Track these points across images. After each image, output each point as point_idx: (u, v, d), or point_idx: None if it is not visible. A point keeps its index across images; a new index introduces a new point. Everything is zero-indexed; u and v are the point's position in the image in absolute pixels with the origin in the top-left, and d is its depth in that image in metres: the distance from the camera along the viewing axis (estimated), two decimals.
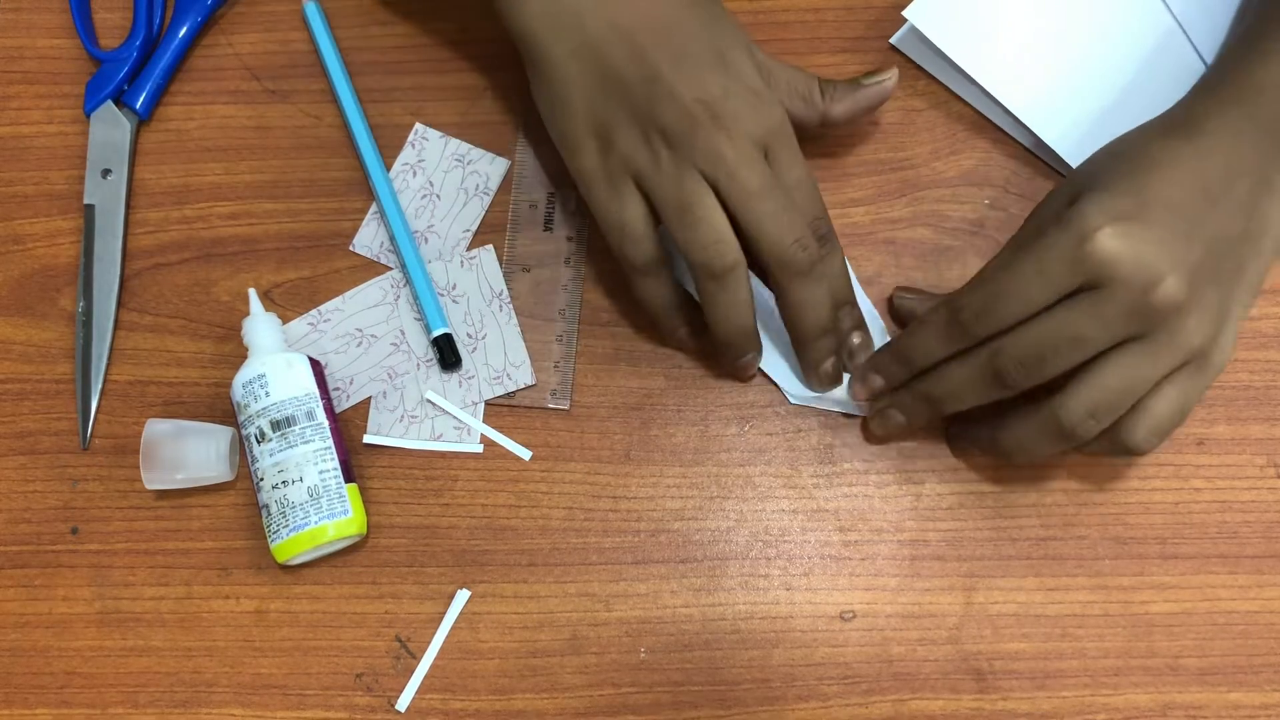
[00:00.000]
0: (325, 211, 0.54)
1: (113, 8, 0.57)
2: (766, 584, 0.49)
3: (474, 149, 0.54)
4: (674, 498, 0.50)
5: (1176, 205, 0.42)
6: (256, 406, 0.47)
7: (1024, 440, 0.45)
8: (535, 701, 0.48)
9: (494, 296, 0.52)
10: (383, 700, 0.48)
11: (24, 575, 0.50)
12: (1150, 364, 0.42)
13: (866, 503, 0.49)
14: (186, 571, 0.49)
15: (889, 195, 0.53)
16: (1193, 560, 0.48)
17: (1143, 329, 0.41)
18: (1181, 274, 0.40)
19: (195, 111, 0.55)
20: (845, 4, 0.55)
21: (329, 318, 0.52)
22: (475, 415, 0.51)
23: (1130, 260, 0.40)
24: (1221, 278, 0.42)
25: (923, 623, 0.48)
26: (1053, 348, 0.41)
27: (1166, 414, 0.43)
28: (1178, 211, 0.41)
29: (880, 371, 0.47)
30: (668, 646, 0.48)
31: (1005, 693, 0.47)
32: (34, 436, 0.51)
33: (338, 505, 0.47)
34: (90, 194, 0.54)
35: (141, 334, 0.52)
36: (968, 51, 0.52)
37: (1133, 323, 0.41)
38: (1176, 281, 0.40)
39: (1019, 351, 0.42)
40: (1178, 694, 0.47)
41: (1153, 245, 0.40)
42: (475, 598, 0.49)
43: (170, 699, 0.48)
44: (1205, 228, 0.42)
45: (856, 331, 0.48)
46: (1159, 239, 0.41)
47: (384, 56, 0.56)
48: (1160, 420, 0.43)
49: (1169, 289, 0.40)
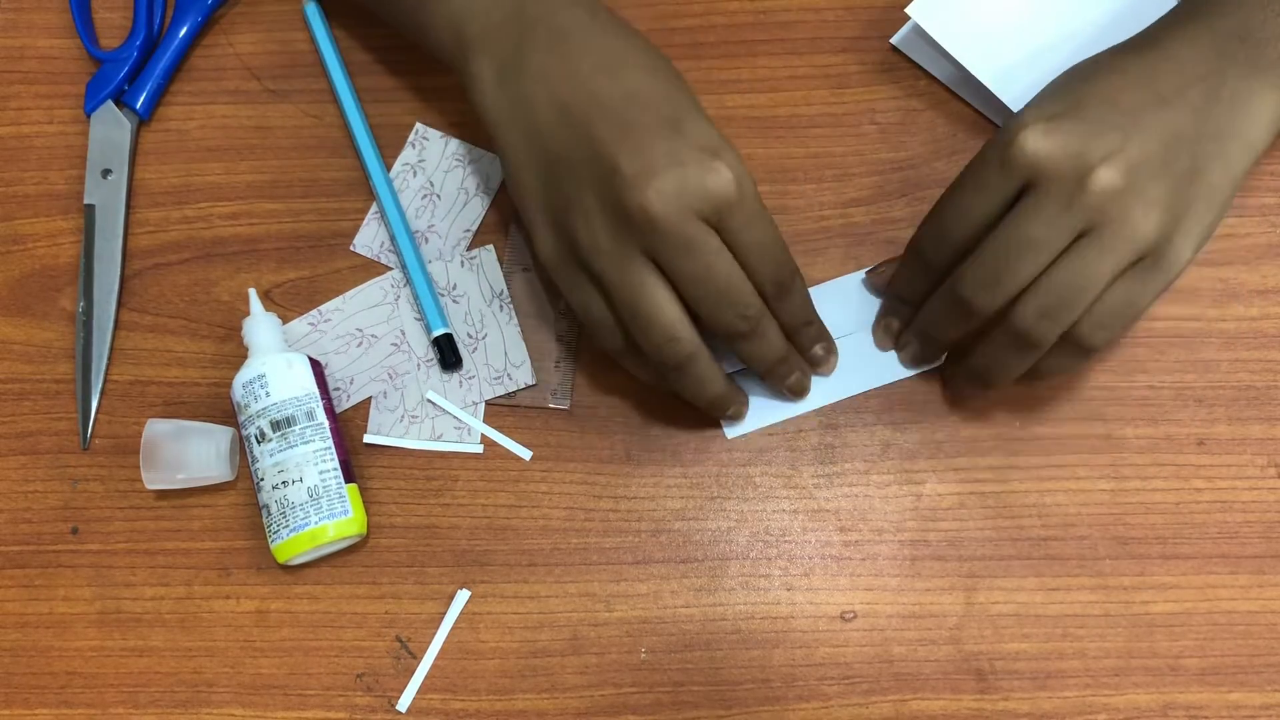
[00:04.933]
0: (325, 211, 0.54)
1: (113, 8, 0.57)
2: (767, 584, 0.49)
3: (474, 149, 0.54)
4: (675, 498, 0.50)
5: (1116, 102, 0.42)
6: (257, 406, 0.47)
7: (993, 358, 0.45)
8: (536, 701, 0.48)
9: (494, 296, 0.52)
10: (383, 700, 0.48)
11: (24, 575, 0.50)
12: (1096, 258, 0.41)
13: (867, 503, 0.49)
14: (187, 571, 0.49)
15: (889, 195, 0.53)
16: (1193, 560, 0.48)
17: (1087, 223, 0.41)
18: (1117, 164, 0.40)
19: (195, 111, 0.55)
20: (845, 4, 0.55)
21: (329, 318, 0.52)
22: (475, 415, 0.51)
23: (1058, 153, 0.40)
24: (1173, 174, 0.41)
25: (923, 623, 0.48)
26: (1005, 261, 0.42)
27: (1115, 308, 0.42)
28: (1117, 107, 0.42)
29: (892, 314, 0.50)
30: (668, 646, 0.48)
31: (1006, 693, 0.47)
32: (34, 436, 0.51)
33: (338, 505, 0.47)
34: (90, 194, 0.54)
35: (142, 334, 0.52)
36: (970, 49, 0.52)
37: (1074, 217, 0.41)
38: (1111, 170, 0.40)
39: (977, 273, 0.43)
40: (1179, 694, 0.47)
41: (1081, 137, 0.41)
42: (476, 598, 0.49)
43: (171, 699, 0.48)
44: (1151, 124, 0.41)
45: (819, 344, 0.49)
46: (1090, 131, 0.41)
47: (384, 56, 0.56)
48: (1108, 314, 0.42)
49: (1103, 177, 0.40)
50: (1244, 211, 0.52)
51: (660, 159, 0.41)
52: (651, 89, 0.44)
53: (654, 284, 0.43)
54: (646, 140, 0.42)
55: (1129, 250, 0.41)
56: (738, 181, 0.42)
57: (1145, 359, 0.50)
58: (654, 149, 0.42)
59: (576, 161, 0.43)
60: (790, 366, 0.48)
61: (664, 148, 0.42)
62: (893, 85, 0.54)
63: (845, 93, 0.54)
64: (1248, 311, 0.51)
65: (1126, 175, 0.41)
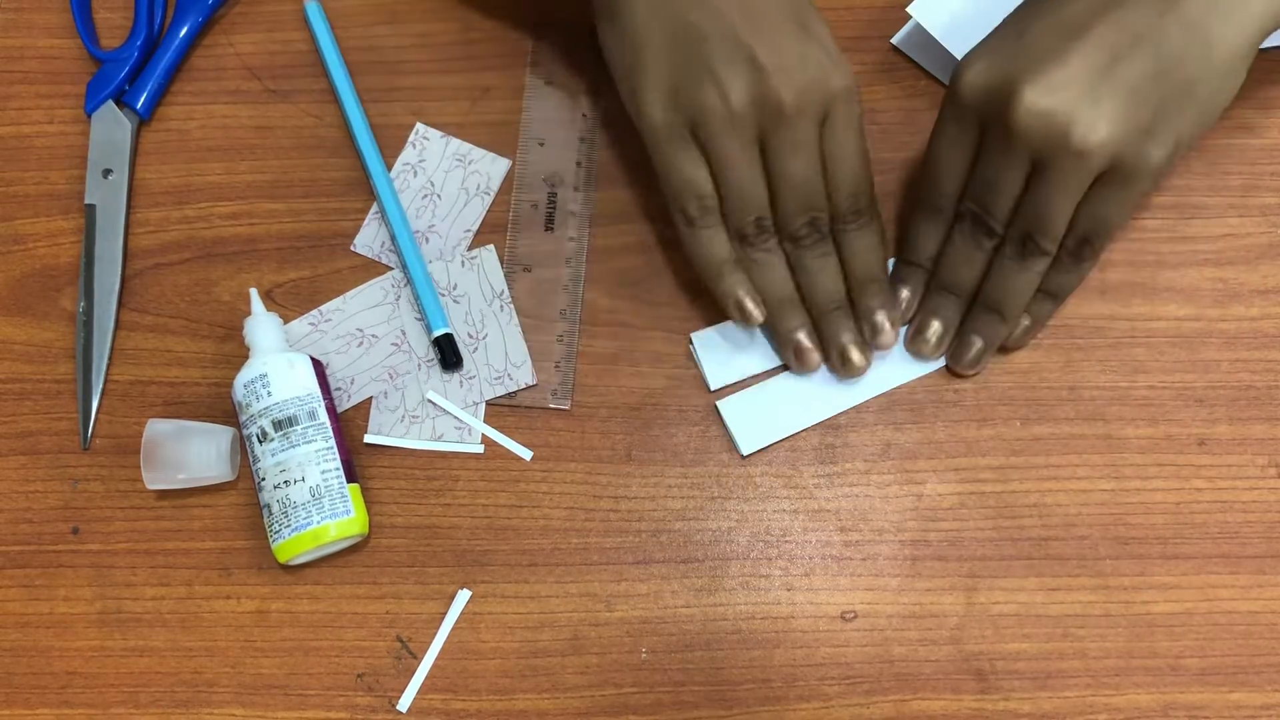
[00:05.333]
0: (326, 211, 0.54)
1: (113, 8, 0.57)
2: (768, 584, 0.49)
3: (475, 149, 0.54)
4: (675, 498, 0.50)
5: (1060, 23, 0.42)
6: (258, 406, 0.47)
7: (998, 285, 0.47)
8: (536, 702, 0.48)
9: (495, 296, 0.52)
10: (384, 700, 0.48)
11: (25, 575, 0.50)
12: (1045, 187, 0.42)
13: (868, 503, 0.49)
14: (187, 571, 0.49)
15: (889, 195, 0.53)
16: (1194, 560, 0.48)
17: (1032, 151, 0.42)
18: (1037, 91, 0.41)
19: (196, 111, 0.55)
20: (845, 4, 0.55)
21: (330, 318, 0.52)
22: (476, 415, 0.51)
23: (990, 85, 0.42)
24: (1126, 78, 0.41)
25: (924, 623, 0.48)
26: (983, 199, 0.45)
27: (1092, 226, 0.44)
28: (1058, 29, 0.42)
29: (902, 283, 0.50)
30: (669, 646, 0.48)
31: (1007, 693, 0.47)
32: (35, 436, 0.51)
33: (339, 505, 0.47)
34: (91, 194, 0.54)
35: (142, 334, 0.52)
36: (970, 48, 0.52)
37: (1012, 149, 0.42)
38: (1031, 93, 0.41)
39: (971, 205, 0.46)
40: (1179, 694, 0.47)
41: (1005, 69, 0.42)
42: (476, 598, 0.49)
43: (171, 699, 0.48)
44: (1098, 30, 0.41)
45: (881, 311, 0.49)
46: (1019, 62, 0.41)
47: (385, 56, 0.56)
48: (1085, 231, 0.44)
49: (1023, 102, 0.41)
50: (1244, 211, 0.52)
51: (793, 57, 0.44)
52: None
53: (760, 170, 0.46)
54: (780, 35, 0.44)
55: (1081, 172, 0.42)
56: (852, 90, 0.45)
57: (1145, 359, 0.50)
58: (787, 45, 0.44)
59: (711, 38, 0.44)
60: (846, 326, 0.49)
61: (796, 47, 0.44)
62: (893, 85, 0.54)
63: None
64: (1248, 311, 0.51)
65: (1050, 98, 0.41)
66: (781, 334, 0.49)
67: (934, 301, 0.49)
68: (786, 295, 0.49)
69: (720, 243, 0.48)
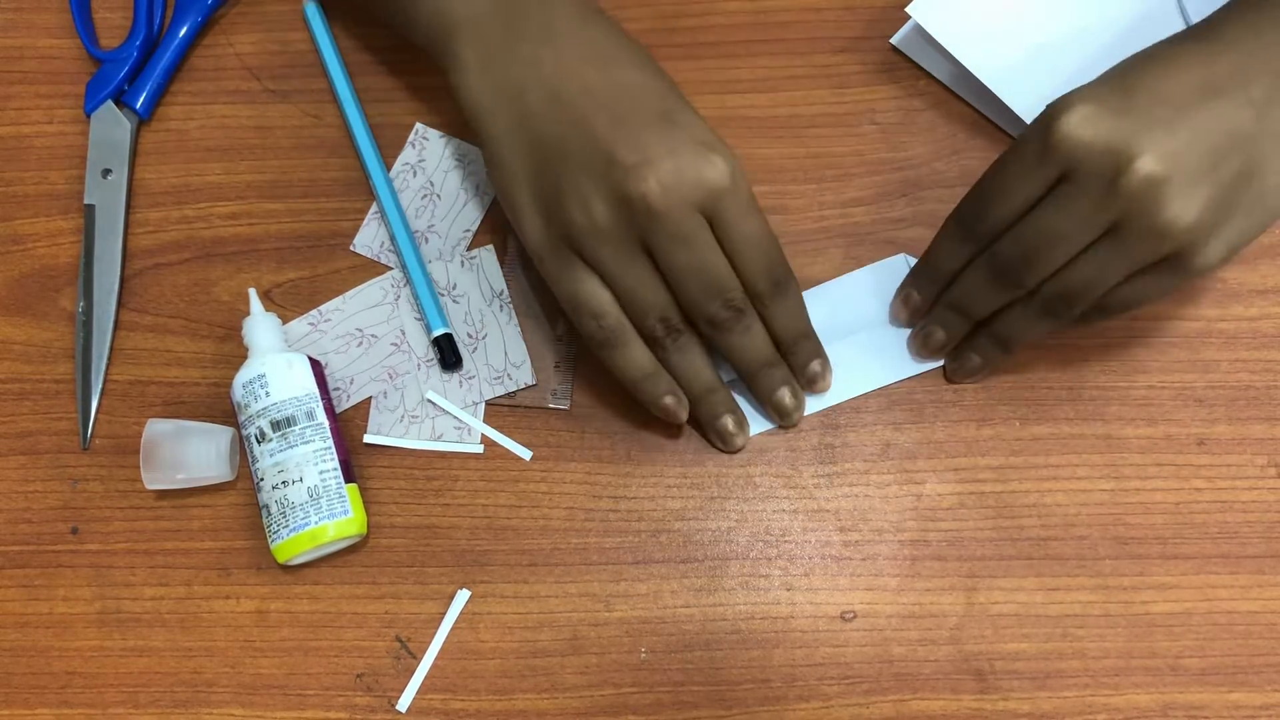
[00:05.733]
0: (325, 211, 0.54)
1: (113, 8, 0.57)
2: (767, 584, 0.49)
3: (474, 149, 0.54)
4: (675, 498, 0.50)
5: (1165, 95, 0.40)
6: (257, 406, 0.47)
7: (1014, 326, 0.46)
8: (536, 701, 0.48)
9: (494, 296, 0.52)
10: (383, 700, 0.48)
11: (24, 575, 0.50)
12: (1114, 257, 0.41)
13: (867, 503, 0.49)
14: (187, 571, 0.49)
15: (890, 195, 0.53)
16: (1193, 560, 0.48)
17: (1116, 217, 0.40)
18: (1154, 161, 0.39)
19: (195, 111, 0.55)
20: (845, 4, 0.55)
21: (329, 318, 0.52)
22: (476, 415, 0.51)
23: (1096, 143, 0.39)
24: (1220, 173, 0.40)
25: (923, 623, 0.48)
26: (1035, 248, 0.42)
27: (1125, 299, 0.43)
28: (1166, 101, 0.40)
29: (916, 288, 0.49)
30: (668, 647, 0.48)
31: (1006, 693, 0.47)
32: (34, 436, 0.51)
33: (338, 505, 0.47)
34: (90, 194, 0.54)
35: (142, 334, 0.52)
36: (970, 49, 0.52)
37: (1103, 213, 0.40)
38: (1146, 168, 0.39)
39: (1014, 249, 0.43)
40: (1179, 694, 0.47)
41: (1121, 128, 0.39)
42: (475, 598, 0.49)
43: (170, 699, 0.48)
44: (1203, 119, 0.40)
45: (815, 360, 0.49)
46: (1132, 122, 0.39)
47: (384, 56, 0.56)
48: (1117, 303, 0.43)
49: (1136, 174, 0.39)
50: None
51: (657, 150, 0.42)
52: (642, 83, 0.45)
53: (651, 270, 0.44)
54: (642, 132, 0.43)
55: (1151, 251, 0.41)
56: (732, 174, 0.43)
57: (1145, 359, 0.50)
58: (650, 140, 0.42)
59: (570, 149, 0.43)
60: (777, 378, 0.48)
61: (660, 140, 0.42)
62: (893, 85, 0.54)
63: (845, 93, 0.54)
64: (1248, 311, 0.51)
65: (1163, 173, 0.39)
66: (705, 421, 0.49)
67: (942, 315, 0.49)
68: (705, 386, 0.48)
69: (634, 356, 0.46)
